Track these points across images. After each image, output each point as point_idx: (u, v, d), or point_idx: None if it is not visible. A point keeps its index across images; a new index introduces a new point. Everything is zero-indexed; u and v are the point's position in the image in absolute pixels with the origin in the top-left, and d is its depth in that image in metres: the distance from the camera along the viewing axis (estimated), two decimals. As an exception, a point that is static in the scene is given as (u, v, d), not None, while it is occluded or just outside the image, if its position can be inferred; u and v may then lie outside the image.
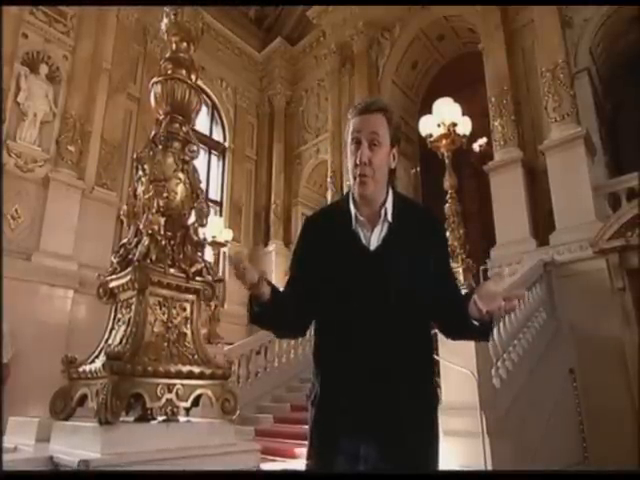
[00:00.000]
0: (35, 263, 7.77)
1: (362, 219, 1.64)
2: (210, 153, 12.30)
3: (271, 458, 4.88)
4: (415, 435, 1.53)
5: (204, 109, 12.02)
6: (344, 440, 1.54)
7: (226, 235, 9.12)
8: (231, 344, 7.54)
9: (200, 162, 2.80)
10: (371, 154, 1.59)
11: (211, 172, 12.15)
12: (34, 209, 8.06)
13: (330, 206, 2.00)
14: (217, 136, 12.67)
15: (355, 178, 1.60)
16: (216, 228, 8.82)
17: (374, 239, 1.62)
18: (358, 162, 1.58)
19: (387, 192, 1.67)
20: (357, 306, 1.54)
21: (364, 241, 1.62)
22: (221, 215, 11.58)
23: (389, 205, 1.64)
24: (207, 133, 12.13)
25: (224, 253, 10.24)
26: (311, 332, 1.77)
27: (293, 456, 4.83)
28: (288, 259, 11.15)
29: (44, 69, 8.73)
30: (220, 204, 12.06)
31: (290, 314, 1.63)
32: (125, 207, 2.57)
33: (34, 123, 8.40)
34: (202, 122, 11.87)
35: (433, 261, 1.62)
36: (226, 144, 12.64)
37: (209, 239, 8.50)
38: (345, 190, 9.18)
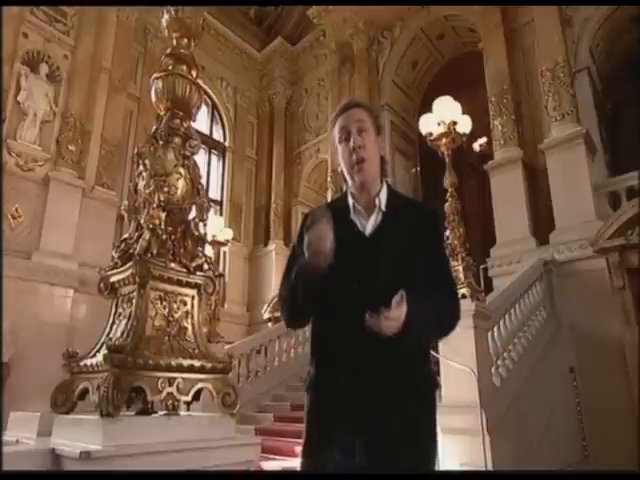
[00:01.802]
0: (35, 262, 7.77)
1: (359, 208, 1.71)
2: (210, 153, 12.30)
3: (271, 457, 4.89)
4: (410, 425, 1.54)
5: (204, 109, 12.02)
6: (338, 430, 1.55)
7: (226, 234, 9.12)
8: (231, 343, 7.54)
9: (200, 162, 2.80)
10: (362, 139, 1.68)
11: (211, 172, 12.14)
12: (34, 208, 8.06)
13: (328, 202, 2.05)
14: (217, 136, 12.67)
15: (353, 166, 1.68)
16: (216, 227, 8.82)
17: (370, 226, 1.69)
18: (353, 146, 1.67)
19: (382, 183, 1.76)
20: (354, 290, 1.57)
21: (361, 228, 1.69)
22: (221, 214, 11.58)
23: (383, 195, 1.73)
24: (207, 133, 12.12)
25: (224, 252, 10.26)
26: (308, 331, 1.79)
27: (293, 454, 4.84)
28: (288, 258, 11.15)
29: (44, 68, 8.72)
30: (220, 203, 12.06)
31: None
32: (126, 202, 2.57)
33: (34, 122, 8.39)
34: (202, 121, 11.87)
35: (424, 252, 1.65)
36: (226, 144, 12.64)
37: (209, 238, 8.49)
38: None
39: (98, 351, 2.25)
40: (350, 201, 1.74)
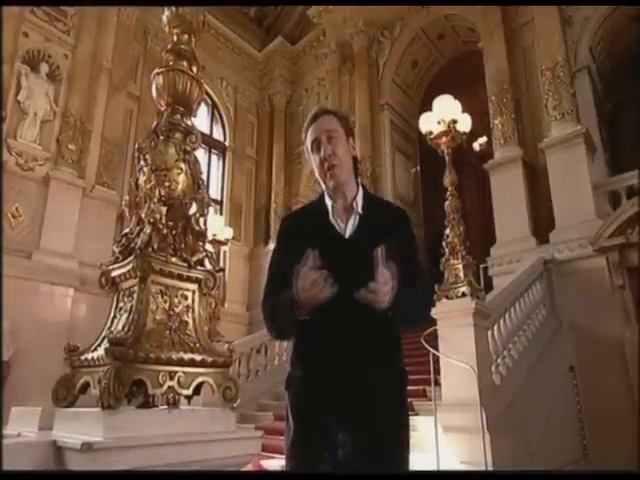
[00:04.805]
0: (36, 261, 7.78)
1: (338, 209, 1.80)
2: (210, 152, 12.31)
3: (271, 455, 4.89)
4: (385, 417, 1.62)
5: (204, 108, 12.02)
6: (324, 426, 1.60)
7: (226, 233, 9.11)
8: (231, 343, 7.53)
9: (200, 161, 2.81)
10: (332, 146, 1.77)
11: (211, 171, 12.15)
12: (34, 208, 8.07)
13: (305, 206, 2.11)
14: (217, 135, 12.69)
15: (325, 173, 1.77)
16: (216, 226, 8.81)
17: (349, 228, 1.76)
18: (323, 156, 1.76)
19: (357, 187, 1.84)
20: (336, 292, 1.60)
21: (339, 231, 1.76)
22: (221, 214, 11.58)
23: (359, 199, 1.81)
24: (207, 132, 12.12)
25: (224, 252, 10.26)
26: None
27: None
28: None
29: (45, 68, 8.74)
30: (220, 203, 12.07)
31: None
32: (127, 197, 2.58)
33: (35, 122, 8.41)
34: (202, 121, 11.88)
35: (400, 250, 1.69)
36: (226, 143, 12.65)
37: (209, 237, 8.47)
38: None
39: (99, 345, 2.26)
40: (328, 203, 1.81)
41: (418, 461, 3.91)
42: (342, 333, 1.62)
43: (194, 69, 2.79)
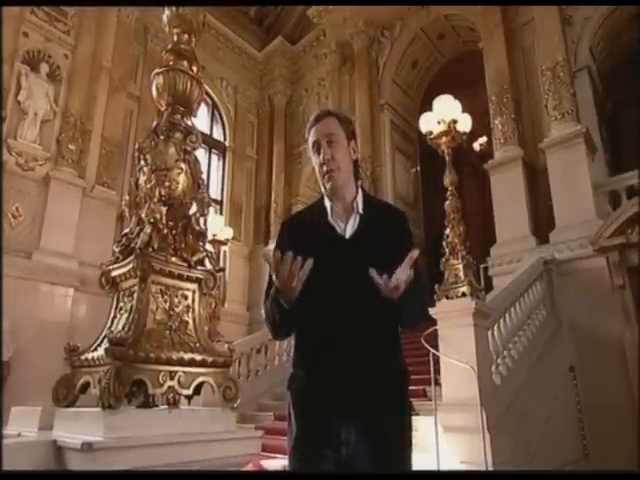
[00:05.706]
0: (36, 261, 7.78)
1: (337, 209, 1.80)
2: (210, 152, 12.31)
3: (272, 455, 4.89)
4: (386, 417, 1.61)
5: (204, 108, 12.02)
6: (324, 424, 1.60)
7: (226, 233, 9.10)
8: (231, 343, 7.53)
9: (200, 161, 2.81)
10: (331, 151, 1.77)
11: (211, 171, 12.14)
12: (35, 207, 8.08)
13: (305, 208, 2.10)
14: (217, 135, 12.68)
15: (324, 176, 1.78)
16: (216, 226, 8.80)
17: (349, 228, 1.76)
18: (322, 160, 1.77)
19: (357, 189, 1.85)
20: (337, 291, 1.63)
21: (340, 231, 1.76)
22: (221, 214, 11.58)
23: (359, 199, 1.81)
24: (207, 132, 12.11)
25: (224, 252, 10.25)
26: None
27: (293, 453, 4.83)
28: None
29: (45, 68, 8.75)
30: (220, 203, 12.07)
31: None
32: (127, 197, 2.58)
33: (35, 122, 8.42)
34: (202, 121, 11.88)
35: (399, 251, 1.67)
36: (226, 143, 12.65)
37: (209, 237, 8.46)
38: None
39: (99, 345, 2.26)
40: (328, 204, 1.81)
41: (418, 461, 3.92)
42: (343, 332, 1.62)
43: (194, 69, 2.79)
